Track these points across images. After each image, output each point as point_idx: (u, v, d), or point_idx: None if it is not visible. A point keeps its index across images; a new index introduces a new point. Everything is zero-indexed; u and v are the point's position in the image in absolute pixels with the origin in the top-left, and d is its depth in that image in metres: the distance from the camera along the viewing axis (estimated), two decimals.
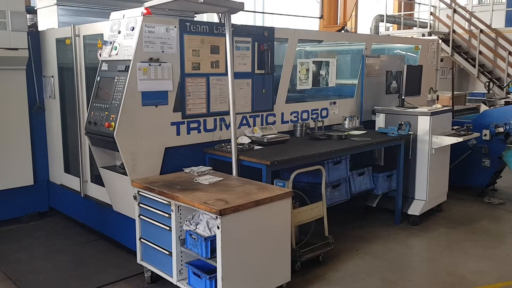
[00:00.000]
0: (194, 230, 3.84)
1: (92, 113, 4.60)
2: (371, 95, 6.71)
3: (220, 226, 3.52)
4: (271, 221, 3.88)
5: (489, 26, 13.68)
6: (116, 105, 4.31)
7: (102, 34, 4.85)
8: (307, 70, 5.91)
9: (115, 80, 4.40)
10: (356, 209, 6.37)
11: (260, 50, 5.25)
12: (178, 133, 4.71)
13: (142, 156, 4.45)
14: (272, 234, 3.91)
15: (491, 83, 11.20)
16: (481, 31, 13.41)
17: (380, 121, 6.37)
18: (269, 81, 5.42)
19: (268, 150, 4.88)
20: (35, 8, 6.50)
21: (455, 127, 6.25)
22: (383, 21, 15.39)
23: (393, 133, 5.76)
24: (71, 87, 5.56)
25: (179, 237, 3.99)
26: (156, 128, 4.53)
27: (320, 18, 10.90)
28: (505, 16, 15.70)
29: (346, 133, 5.70)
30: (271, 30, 5.36)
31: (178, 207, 3.95)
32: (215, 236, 3.67)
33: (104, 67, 4.61)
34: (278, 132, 5.37)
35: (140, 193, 4.33)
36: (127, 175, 4.49)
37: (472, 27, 13.87)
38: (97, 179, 5.38)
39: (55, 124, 5.96)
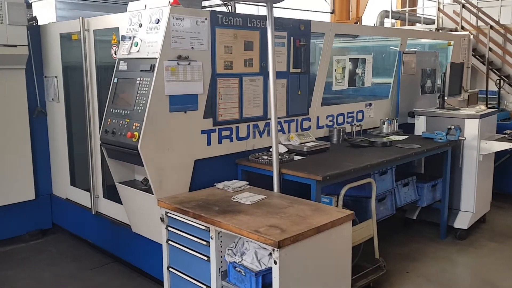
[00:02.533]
0: (240, 262, 3.20)
1: (109, 120, 3.93)
2: (407, 96, 6.12)
3: (278, 261, 2.88)
4: (332, 250, 3.26)
5: (497, 22, 13.19)
6: (139, 111, 3.65)
7: (117, 28, 4.19)
8: (343, 68, 5.29)
9: (138, 82, 3.74)
10: (393, 222, 5.76)
11: (296, 46, 4.61)
12: (208, 143, 4.06)
13: (170, 170, 3.79)
14: (332, 265, 3.29)
15: (501, 81, 10.68)
16: (491, 27, 12.90)
17: (420, 124, 5.76)
18: (305, 81, 4.79)
19: (309, 161, 4.25)
20: (30, 2, 5.80)
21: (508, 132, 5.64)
22: (387, 17, 14.83)
23: (440, 139, 5.16)
24: (79, 89, 4.88)
25: (219, 269, 3.35)
26: (185, 138, 3.89)
27: (331, 13, 10.29)
28: None
29: (390, 140, 5.08)
30: (308, 23, 4.72)
31: (219, 233, 3.31)
32: (267, 270, 3.04)
33: (122, 66, 3.94)
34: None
35: (168, 214, 3.68)
36: (150, 193, 3.84)
37: (480, 23, 13.37)
38: (111, 195, 4.71)
39: (60, 131, 5.27)
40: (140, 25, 3.83)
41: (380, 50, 6.31)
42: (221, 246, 3.34)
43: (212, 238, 3.32)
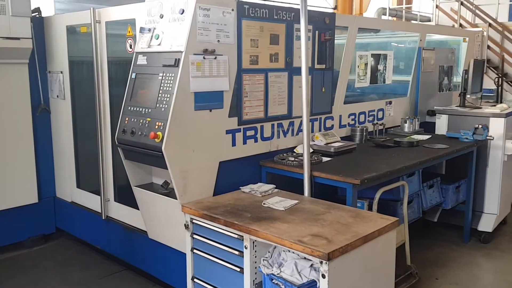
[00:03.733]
0: (279, 274, 2.93)
1: (127, 119, 3.63)
2: (425, 94, 5.89)
3: (326, 274, 2.62)
4: (378, 260, 3.01)
5: (495, 20, 13.07)
6: (163, 109, 3.36)
7: (133, 20, 3.89)
8: (366, 64, 5.04)
9: (160, 78, 3.44)
10: (413, 225, 5.53)
11: (320, 40, 4.35)
12: (233, 144, 3.79)
13: (194, 173, 3.51)
14: (378, 275, 3.04)
15: (500, 79, 10.52)
16: (490, 25, 12.78)
17: (442, 123, 5.54)
18: (329, 77, 4.53)
19: (338, 163, 4.00)
20: None
21: None
22: (385, 14, 14.63)
23: (467, 138, 4.94)
24: (87, 85, 4.57)
25: (253, 281, 3.08)
26: (210, 138, 3.60)
27: (334, 9, 10.07)
28: (508, 10, 15.19)
29: (414, 139, 4.85)
30: (333, 16, 4.46)
31: (253, 242, 3.04)
32: (310, 283, 2.78)
33: (141, 60, 3.64)
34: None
35: (194, 221, 3.40)
36: (172, 197, 3.56)
37: (477, 21, 13.24)
38: (122, 198, 4.43)
39: (65, 130, 4.95)
40: (161, 16, 3.53)
41: (397, 47, 6.06)
42: (255, 257, 3.07)
43: (246, 248, 3.05)
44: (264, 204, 3.40)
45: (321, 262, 2.63)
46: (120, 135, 3.65)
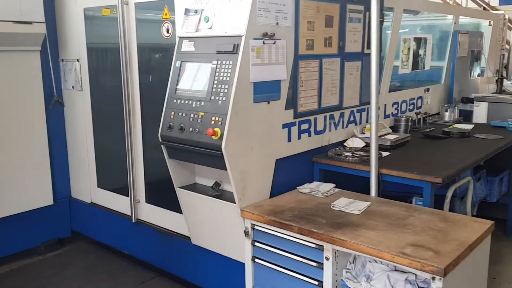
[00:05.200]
0: None
1: (173, 113, 3.20)
2: (458, 80, 5.59)
3: None
4: (477, 270, 2.68)
5: (487, 4, 12.89)
6: (220, 102, 2.95)
7: (170, 1, 3.43)
8: (409, 49, 4.69)
9: (214, 66, 3.02)
10: None
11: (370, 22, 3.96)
12: (289, 139, 3.40)
13: (253, 174, 3.12)
14: (475, 286, 2.72)
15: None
16: (484, 9, 12.59)
17: (480, 111, 5.27)
18: (378, 64, 4.15)
19: (399, 157, 3.67)
20: None
21: None
22: None
23: None
24: (110, 74, 4.11)
25: None
26: (267, 134, 3.21)
27: None
28: None
29: (466, 129, 4.54)
30: None
31: (335, 252, 2.68)
32: None
33: (187, 47, 3.21)
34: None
35: (256, 227, 3.02)
36: (224, 199, 3.18)
37: (470, 4, 13.02)
38: (154, 199, 4.01)
39: (82, 124, 4.48)
40: None
41: (430, 30, 5.73)
42: (336, 269, 2.71)
43: (327, 259, 2.69)
44: (333, 207, 3.04)
45: (433, 278, 2.29)
46: (165, 132, 3.22)
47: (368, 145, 3.84)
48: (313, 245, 2.73)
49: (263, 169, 3.21)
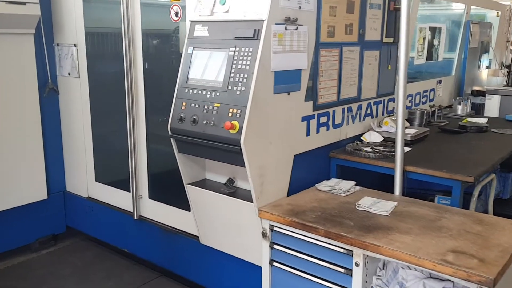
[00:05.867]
0: None
1: (184, 104, 2.95)
2: (469, 72, 5.41)
3: None
4: None
5: None
6: (238, 93, 2.70)
7: None
8: (424, 39, 4.48)
9: (231, 54, 2.77)
10: None
11: (389, 9, 3.75)
12: (308, 133, 3.17)
13: (271, 170, 2.89)
14: None
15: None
16: None
17: (492, 104, 5.10)
18: (395, 53, 3.95)
19: (421, 153, 3.48)
20: None
21: None
22: None
23: None
24: (110, 61, 3.83)
25: None
26: (286, 127, 2.98)
27: None
28: None
29: (482, 124, 4.36)
30: None
31: (366, 258, 2.47)
32: None
33: (200, 31, 2.95)
34: None
35: (275, 228, 2.79)
36: (239, 198, 2.95)
37: None
38: (157, 195, 3.76)
39: (79, 114, 4.20)
40: None
41: (441, 20, 5.53)
42: (366, 275, 2.50)
43: (357, 265, 2.48)
44: (358, 207, 2.83)
45: None
46: (176, 124, 2.97)
47: (386, 139, 3.66)
48: (342, 250, 2.52)
49: (282, 166, 2.98)
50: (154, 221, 3.76)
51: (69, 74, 4.17)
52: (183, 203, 3.49)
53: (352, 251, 2.48)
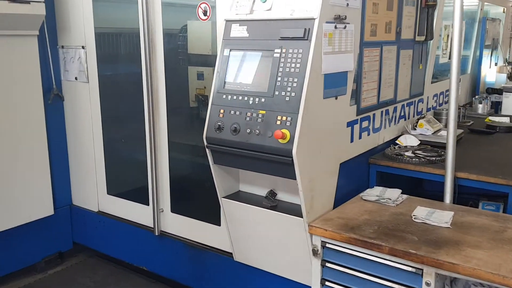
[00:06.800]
0: None
1: (222, 111, 2.69)
2: (483, 69, 5.29)
3: None
4: None
5: None
6: (287, 99, 2.46)
7: None
8: (447, 36, 4.32)
9: (277, 55, 2.52)
10: None
11: (421, 5, 3.56)
12: (351, 139, 2.95)
13: (319, 181, 2.66)
14: None
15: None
16: None
17: (510, 103, 4.96)
18: (425, 52, 3.77)
19: (462, 156, 3.27)
20: None
21: None
22: None
23: None
24: (124, 64, 3.55)
25: None
26: (333, 134, 2.76)
27: None
28: None
29: (507, 123, 4.23)
30: None
31: (437, 276, 2.26)
32: None
33: (238, 31, 2.69)
34: None
35: (327, 245, 2.56)
36: (282, 212, 2.71)
37: None
38: (181, 208, 3.50)
39: (88, 121, 3.89)
40: None
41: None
42: None
43: (428, 285, 2.27)
44: (415, 218, 2.63)
45: None
46: (213, 133, 2.70)
47: (422, 143, 3.48)
48: (410, 269, 2.30)
49: (328, 176, 2.76)
50: (178, 236, 3.49)
51: (76, 78, 3.85)
52: (210, 217, 3.25)
53: (422, 269, 2.27)
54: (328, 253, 2.59)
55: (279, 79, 2.50)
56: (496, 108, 5.16)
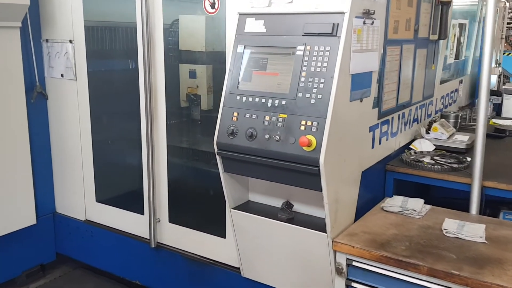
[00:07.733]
0: None
1: (235, 114, 2.42)
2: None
3: None
4: None
5: None
6: (313, 101, 2.21)
7: None
8: (454, 36, 4.15)
9: (300, 53, 2.27)
10: None
11: (435, 3, 3.36)
12: (373, 145, 2.73)
13: (343, 192, 2.43)
14: None
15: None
16: None
17: (510, 105, 4.84)
18: (438, 52, 3.58)
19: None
20: None
21: None
22: None
23: None
24: (118, 60, 3.23)
25: None
26: (356, 140, 2.52)
27: None
28: None
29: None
30: None
31: None
32: None
33: (255, 26, 2.43)
34: None
35: (353, 263, 2.33)
36: (300, 225, 2.47)
37: None
38: (179, 218, 3.21)
39: (75, 122, 3.56)
40: None
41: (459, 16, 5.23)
42: None
43: None
44: (446, 233, 2.42)
45: None
46: (225, 139, 2.43)
47: (438, 148, 3.29)
48: None
49: (351, 186, 2.53)
50: (176, 249, 3.20)
51: (62, 75, 3.52)
52: (214, 228, 2.98)
53: None
54: (354, 272, 2.35)
55: (302, 79, 2.25)
56: (495, 110, 5.04)
